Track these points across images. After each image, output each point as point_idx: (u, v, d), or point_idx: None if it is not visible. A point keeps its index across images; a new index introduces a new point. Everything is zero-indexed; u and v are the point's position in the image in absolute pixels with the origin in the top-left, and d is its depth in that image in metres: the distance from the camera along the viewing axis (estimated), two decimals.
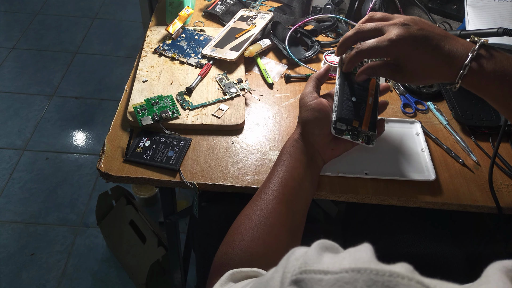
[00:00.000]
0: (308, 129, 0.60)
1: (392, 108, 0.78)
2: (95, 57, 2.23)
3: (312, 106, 0.60)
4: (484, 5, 0.84)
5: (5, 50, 2.22)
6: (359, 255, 0.27)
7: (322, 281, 0.26)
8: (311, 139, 0.60)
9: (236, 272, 0.42)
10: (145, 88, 0.76)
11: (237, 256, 0.49)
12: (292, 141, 0.60)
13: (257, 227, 0.52)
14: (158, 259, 1.21)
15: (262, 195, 0.56)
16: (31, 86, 2.04)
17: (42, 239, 1.49)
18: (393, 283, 0.24)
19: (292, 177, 0.57)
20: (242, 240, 0.51)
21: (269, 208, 0.54)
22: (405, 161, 0.68)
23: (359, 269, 0.25)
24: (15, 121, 1.87)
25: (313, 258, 0.28)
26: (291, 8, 0.98)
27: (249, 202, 0.57)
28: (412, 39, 0.53)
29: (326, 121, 0.60)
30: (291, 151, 0.59)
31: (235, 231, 0.53)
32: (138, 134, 0.69)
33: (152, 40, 0.86)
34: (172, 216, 0.82)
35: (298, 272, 0.27)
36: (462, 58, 0.52)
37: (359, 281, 0.25)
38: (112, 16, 2.52)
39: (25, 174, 1.68)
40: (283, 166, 0.58)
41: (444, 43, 0.53)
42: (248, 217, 0.54)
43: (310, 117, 0.60)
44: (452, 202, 0.64)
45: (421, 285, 0.24)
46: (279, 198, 0.55)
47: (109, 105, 1.98)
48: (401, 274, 0.25)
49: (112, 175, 0.64)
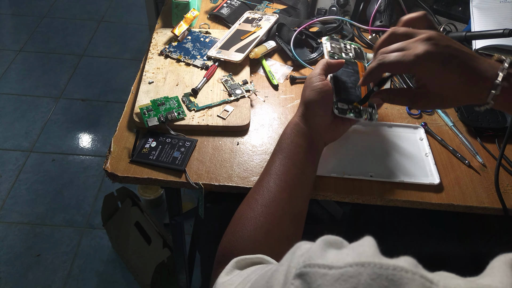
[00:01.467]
0: (312, 109, 0.59)
1: (397, 110, 0.78)
2: (101, 59, 2.25)
3: (320, 86, 0.59)
4: (490, 7, 0.84)
5: (12, 53, 2.24)
6: (363, 250, 0.27)
7: (327, 276, 0.26)
8: (313, 121, 0.60)
9: (241, 259, 0.42)
10: (151, 89, 0.76)
11: (240, 244, 0.50)
12: (293, 125, 0.60)
13: (259, 215, 0.52)
14: (163, 260, 1.22)
15: (263, 183, 0.55)
16: (38, 88, 2.05)
17: (48, 240, 1.50)
18: (397, 276, 0.25)
19: (294, 163, 0.56)
20: (245, 229, 0.51)
21: (271, 196, 0.53)
22: (409, 165, 0.68)
23: (363, 263, 0.26)
24: (22, 123, 1.89)
25: (317, 253, 0.28)
26: (296, 10, 0.98)
27: (250, 190, 0.57)
28: (440, 55, 0.50)
29: (331, 102, 0.60)
30: (292, 136, 0.58)
31: (237, 220, 0.53)
32: (144, 135, 0.70)
33: (158, 42, 0.87)
34: (178, 217, 0.82)
35: (303, 266, 0.27)
36: (492, 77, 0.50)
37: (363, 275, 0.25)
38: (118, 19, 2.54)
39: (32, 175, 1.69)
40: (284, 152, 0.57)
41: (472, 61, 0.51)
42: (250, 205, 0.54)
43: (316, 97, 0.59)
44: (458, 203, 0.63)
45: (424, 279, 0.25)
46: (281, 186, 0.54)
47: (115, 107, 2.00)
48: (405, 268, 0.25)
49: (119, 176, 0.64)
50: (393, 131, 0.73)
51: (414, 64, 0.50)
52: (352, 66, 0.68)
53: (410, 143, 0.72)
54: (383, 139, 0.72)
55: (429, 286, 0.24)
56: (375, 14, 0.90)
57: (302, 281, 0.27)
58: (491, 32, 0.68)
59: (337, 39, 0.73)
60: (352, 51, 0.72)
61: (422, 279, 0.25)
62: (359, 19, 0.94)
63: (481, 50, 0.75)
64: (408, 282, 0.24)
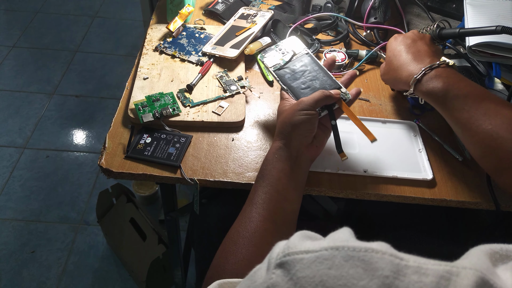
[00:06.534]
0: (300, 131, 0.58)
1: (391, 106, 0.78)
2: (95, 55, 2.23)
3: (304, 108, 0.58)
4: (483, 4, 0.84)
5: (5, 49, 2.22)
6: (338, 236, 0.29)
7: (304, 260, 0.27)
8: (298, 142, 0.58)
9: (224, 282, 0.43)
10: (146, 85, 0.76)
11: (223, 278, 0.49)
12: (275, 150, 0.58)
13: (241, 248, 0.51)
14: (158, 257, 1.22)
15: (246, 213, 0.54)
16: (32, 84, 2.04)
17: (43, 236, 1.50)
18: (367, 257, 0.26)
19: (277, 190, 0.55)
20: (227, 263, 0.51)
21: (252, 227, 0.52)
22: (402, 161, 0.68)
23: (337, 246, 0.27)
24: (16, 119, 1.88)
25: (295, 243, 0.30)
26: (291, 6, 0.99)
27: (235, 221, 0.56)
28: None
29: (316, 122, 0.59)
30: (274, 162, 0.57)
31: (220, 255, 0.53)
32: (139, 131, 0.70)
33: (153, 38, 0.86)
34: (173, 213, 0.82)
35: (282, 256, 0.29)
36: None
37: (337, 257, 0.27)
38: (112, 15, 2.52)
39: (26, 172, 1.68)
40: (267, 179, 0.56)
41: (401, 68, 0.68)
42: (232, 239, 0.53)
43: (304, 119, 0.58)
44: (451, 198, 0.64)
45: (394, 257, 0.26)
46: (263, 215, 0.53)
47: (109, 103, 1.99)
48: (376, 249, 0.27)
49: (114, 171, 0.64)
50: (387, 127, 0.74)
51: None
52: (298, 64, 0.68)
53: (404, 139, 0.72)
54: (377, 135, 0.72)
55: (398, 263, 0.26)
56: (369, 11, 0.91)
57: (282, 270, 0.28)
58: (484, 29, 0.68)
59: (266, 48, 0.72)
60: (287, 49, 0.71)
61: (391, 257, 0.26)
62: (354, 16, 0.94)
63: (474, 47, 0.76)
64: (378, 261, 0.26)
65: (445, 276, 0.25)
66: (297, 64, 0.68)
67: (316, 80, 0.65)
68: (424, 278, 0.25)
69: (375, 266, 0.26)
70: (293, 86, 0.65)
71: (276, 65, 0.69)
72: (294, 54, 0.70)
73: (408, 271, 0.25)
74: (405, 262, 0.26)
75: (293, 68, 0.68)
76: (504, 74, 0.81)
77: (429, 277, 0.25)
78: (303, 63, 0.68)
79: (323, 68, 0.67)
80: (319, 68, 0.67)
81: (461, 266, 0.26)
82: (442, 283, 0.25)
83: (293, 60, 0.69)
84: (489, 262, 0.27)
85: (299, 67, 0.68)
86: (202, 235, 0.88)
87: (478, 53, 0.77)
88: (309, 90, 0.64)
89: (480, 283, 0.25)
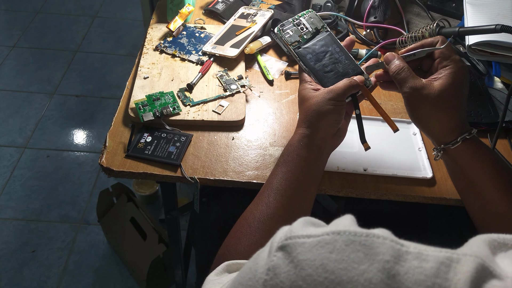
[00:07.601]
0: (328, 121, 0.55)
1: (391, 105, 0.78)
2: (96, 55, 2.24)
3: (334, 98, 0.56)
4: (483, 3, 0.84)
5: (6, 49, 2.22)
6: (340, 222, 0.30)
7: (305, 244, 0.28)
8: (324, 132, 0.56)
9: (232, 263, 0.43)
10: (147, 84, 0.76)
11: (233, 259, 0.49)
12: (300, 137, 0.56)
13: (255, 231, 0.51)
14: (158, 256, 1.22)
15: (263, 197, 0.54)
16: (32, 84, 2.04)
17: (43, 236, 1.50)
18: (369, 242, 0.27)
19: (297, 178, 0.54)
20: (239, 244, 0.51)
21: (269, 212, 0.52)
22: (402, 159, 0.69)
23: (339, 231, 0.28)
24: (16, 119, 1.88)
25: (298, 228, 0.30)
26: (291, 5, 0.99)
27: (251, 203, 0.55)
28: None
29: (344, 112, 0.57)
30: (298, 149, 0.55)
31: (233, 234, 0.53)
32: (139, 130, 0.70)
33: (153, 38, 0.87)
34: (173, 212, 0.82)
35: (284, 239, 0.29)
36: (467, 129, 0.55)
37: (338, 241, 0.27)
38: (112, 14, 2.53)
39: (26, 171, 1.69)
40: (288, 165, 0.55)
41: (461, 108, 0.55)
42: (247, 220, 0.53)
43: (333, 109, 0.55)
44: (450, 197, 0.64)
45: (395, 242, 0.27)
46: (281, 201, 0.53)
47: (109, 103, 1.99)
48: (377, 234, 0.27)
49: (114, 170, 0.65)
50: (387, 125, 0.74)
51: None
52: (318, 44, 0.62)
53: (404, 138, 0.72)
54: (377, 134, 0.72)
55: (399, 248, 0.26)
56: (369, 10, 0.91)
57: (283, 252, 0.28)
58: (484, 28, 0.68)
59: (284, 22, 0.64)
60: (306, 25, 0.63)
61: (392, 242, 0.27)
62: (354, 15, 0.95)
63: (474, 46, 0.76)
64: (379, 246, 0.26)
65: (445, 263, 0.25)
66: (317, 44, 0.62)
67: (338, 63, 0.60)
68: (424, 264, 0.25)
69: (376, 251, 0.26)
70: (316, 68, 0.60)
71: (295, 43, 0.62)
72: (317, 32, 0.63)
73: (409, 256, 0.26)
74: (405, 248, 0.26)
75: (313, 48, 0.61)
76: (503, 73, 0.82)
77: (429, 263, 0.25)
78: (323, 43, 0.62)
79: (344, 50, 0.61)
80: (340, 50, 0.61)
81: (462, 253, 0.26)
82: (442, 269, 0.25)
83: (314, 39, 0.62)
84: (489, 250, 0.28)
85: (320, 47, 0.61)
86: (203, 234, 0.88)
87: (478, 52, 0.77)
88: (333, 74, 0.59)
89: (479, 270, 0.25)
